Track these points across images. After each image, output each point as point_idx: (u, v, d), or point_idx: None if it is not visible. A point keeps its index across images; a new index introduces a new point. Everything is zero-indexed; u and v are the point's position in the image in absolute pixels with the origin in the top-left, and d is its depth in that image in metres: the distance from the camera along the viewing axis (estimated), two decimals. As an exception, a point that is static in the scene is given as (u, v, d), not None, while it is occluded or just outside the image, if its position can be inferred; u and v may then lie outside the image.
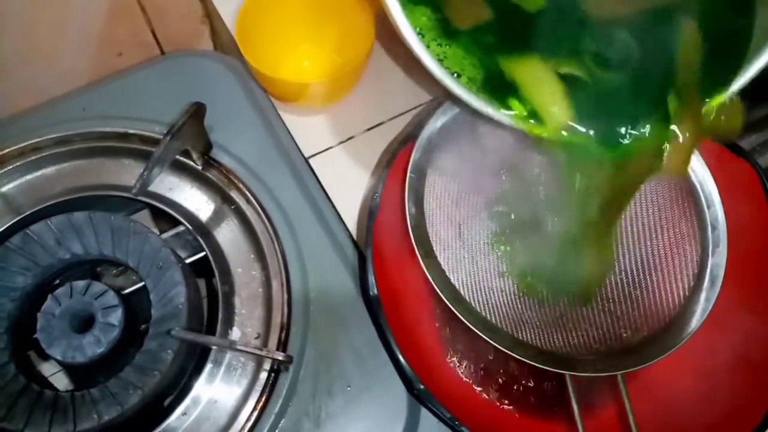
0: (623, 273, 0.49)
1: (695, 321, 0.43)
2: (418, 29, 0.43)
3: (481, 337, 0.41)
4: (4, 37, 0.58)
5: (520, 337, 0.44)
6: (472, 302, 0.45)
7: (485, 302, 0.46)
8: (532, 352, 0.43)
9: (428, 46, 0.44)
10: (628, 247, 0.49)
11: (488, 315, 0.46)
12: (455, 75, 0.44)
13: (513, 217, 0.51)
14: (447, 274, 0.46)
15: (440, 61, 0.44)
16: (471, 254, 0.50)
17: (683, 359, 0.44)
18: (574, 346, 0.45)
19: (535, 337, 0.45)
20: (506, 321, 0.46)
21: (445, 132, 0.49)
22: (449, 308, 0.42)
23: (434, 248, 0.46)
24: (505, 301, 0.48)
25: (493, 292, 0.48)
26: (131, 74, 0.60)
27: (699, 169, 0.47)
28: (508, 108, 0.45)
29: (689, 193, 0.47)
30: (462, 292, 0.45)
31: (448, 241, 0.49)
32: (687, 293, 0.45)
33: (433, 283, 0.43)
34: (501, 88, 0.45)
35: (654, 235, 0.49)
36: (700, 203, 0.47)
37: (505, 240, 0.51)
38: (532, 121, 0.44)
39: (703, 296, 0.44)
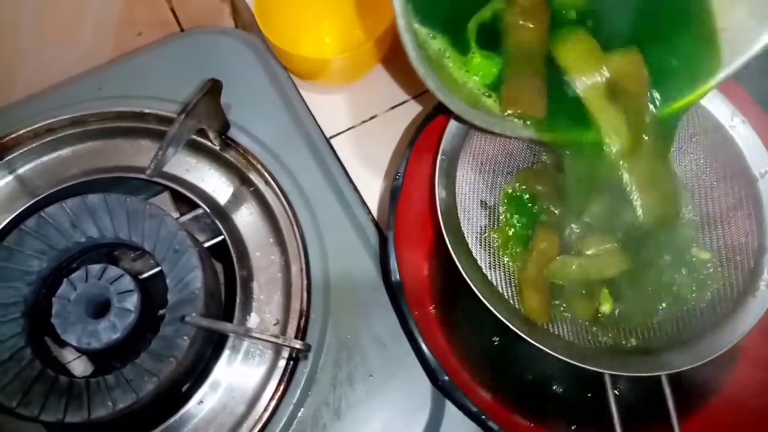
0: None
1: (750, 320, 0.40)
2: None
3: (514, 331, 0.39)
4: (22, 19, 0.57)
5: (556, 333, 0.41)
6: (505, 293, 0.43)
7: (517, 294, 0.44)
8: (569, 349, 0.40)
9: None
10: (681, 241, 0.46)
11: (520, 306, 0.43)
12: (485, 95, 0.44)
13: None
14: (478, 263, 0.43)
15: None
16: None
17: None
18: (614, 343, 0.42)
19: (572, 333, 0.42)
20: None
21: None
22: (478, 298, 0.39)
23: (465, 235, 0.44)
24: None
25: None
26: (148, 53, 0.58)
27: (761, 159, 0.44)
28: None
29: (748, 184, 0.44)
30: (494, 283, 0.43)
31: (481, 227, 0.46)
32: (741, 288, 0.42)
33: (462, 272, 0.40)
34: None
35: (708, 229, 0.46)
36: (758, 193, 0.43)
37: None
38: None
39: (760, 294, 0.40)
